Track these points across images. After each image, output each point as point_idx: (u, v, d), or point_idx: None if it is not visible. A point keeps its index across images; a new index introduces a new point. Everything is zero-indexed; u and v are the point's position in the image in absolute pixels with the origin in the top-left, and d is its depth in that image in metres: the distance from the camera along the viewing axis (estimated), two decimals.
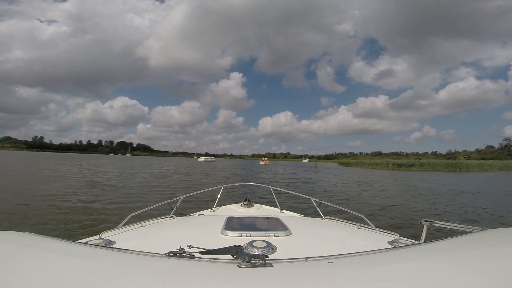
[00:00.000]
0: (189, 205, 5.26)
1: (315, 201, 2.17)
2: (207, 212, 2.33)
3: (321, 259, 0.66)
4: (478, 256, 0.57)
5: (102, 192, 8.22)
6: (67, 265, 0.54)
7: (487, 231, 0.79)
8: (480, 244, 0.67)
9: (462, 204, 8.14)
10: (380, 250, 0.79)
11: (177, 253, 0.71)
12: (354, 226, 1.49)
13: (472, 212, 6.93)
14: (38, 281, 0.45)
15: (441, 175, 26.05)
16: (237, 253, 0.62)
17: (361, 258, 0.67)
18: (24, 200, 6.28)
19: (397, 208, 7.13)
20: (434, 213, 6.83)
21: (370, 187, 12.84)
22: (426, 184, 15.16)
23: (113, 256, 0.65)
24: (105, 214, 5.30)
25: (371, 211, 6.53)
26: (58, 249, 0.66)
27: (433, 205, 7.88)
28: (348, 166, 48.24)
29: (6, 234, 0.72)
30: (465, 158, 71.60)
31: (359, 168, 40.74)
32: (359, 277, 0.52)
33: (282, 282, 0.50)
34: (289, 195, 3.06)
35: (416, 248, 0.79)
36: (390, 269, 0.56)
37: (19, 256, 0.55)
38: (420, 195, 10.15)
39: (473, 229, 0.98)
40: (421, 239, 1.19)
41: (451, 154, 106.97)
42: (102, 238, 1.14)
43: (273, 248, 0.91)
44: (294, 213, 2.41)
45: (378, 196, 9.48)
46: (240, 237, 1.12)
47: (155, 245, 1.02)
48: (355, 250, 0.77)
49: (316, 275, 0.54)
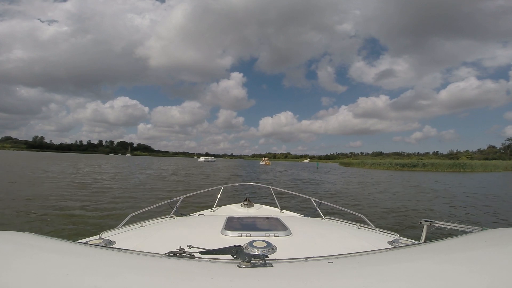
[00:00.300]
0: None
1: (315, 201, 2.16)
2: (207, 212, 2.31)
3: (321, 259, 0.66)
4: (478, 256, 0.57)
5: (89, 196, 7.42)
6: (67, 265, 0.54)
7: (487, 231, 0.79)
8: (480, 244, 0.67)
9: (493, 209, 7.38)
10: (380, 250, 0.79)
11: (177, 253, 0.71)
12: (354, 226, 1.49)
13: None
14: (38, 281, 0.45)
15: (447, 175, 25.64)
16: (237, 253, 0.62)
17: (361, 258, 0.67)
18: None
19: (421, 214, 6.56)
20: (470, 219, 6.23)
21: (379, 189, 12.13)
22: (438, 185, 14.52)
23: (113, 256, 0.66)
24: (86, 223, 4.71)
25: (394, 217, 5.96)
26: (58, 249, 0.65)
27: (459, 210, 7.22)
28: (350, 167, 47.65)
29: (6, 234, 0.72)
30: (467, 158, 70.87)
31: (361, 169, 40.07)
32: (359, 277, 0.52)
33: (282, 282, 0.50)
34: (289, 195, 3.06)
35: (416, 248, 0.79)
36: (390, 269, 0.56)
37: (19, 256, 0.55)
38: (437, 197, 9.56)
39: (473, 229, 0.97)
40: (421, 239, 1.18)
41: (453, 154, 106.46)
42: (102, 238, 1.13)
43: (273, 248, 0.91)
44: (294, 213, 2.39)
45: (390, 199, 8.87)
46: (240, 237, 1.11)
47: (155, 245, 1.01)
48: (355, 250, 0.76)
49: (316, 275, 0.54)
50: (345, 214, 1.99)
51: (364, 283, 0.48)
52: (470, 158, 69.24)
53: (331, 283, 0.49)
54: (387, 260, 0.67)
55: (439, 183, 15.90)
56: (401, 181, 16.94)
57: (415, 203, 8.32)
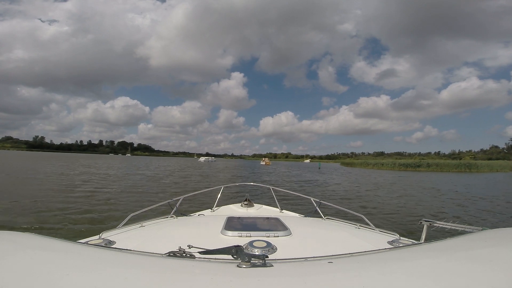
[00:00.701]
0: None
1: (315, 201, 2.17)
2: (207, 212, 2.31)
3: (321, 259, 0.66)
4: (478, 256, 0.57)
5: (74, 199, 6.68)
6: (67, 265, 0.54)
7: (487, 231, 0.78)
8: (480, 244, 0.67)
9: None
10: (380, 250, 0.79)
11: (177, 253, 0.70)
12: (354, 226, 1.48)
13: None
14: (38, 281, 0.45)
15: (454, 176, 24.83)
16: (237, 253, 0.61)
17: (361, 258, 0.67)
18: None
19: (478, 223, 5.59)
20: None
21: (395, 191, 11.09)
22: (458, 187, 13.47)
23: (113, 256, 0.66)
24: (56, 233, 4.05)
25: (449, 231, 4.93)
26: (58, 249, 0.65)
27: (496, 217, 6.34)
28: (352, 167, 46.76)
29: (6, 234, 0.72)
30: (470, 158, 69.72)
31: (363, 169, 39.25)
32: (359, 277, 0.52)
33: (282, 282, 0.50)
34: (289, 195, 3.03)
35: (416, 248, 0.79)
36: (390, 269, 0.56)
37: (19, 256, 0.56)
38: (473, 202, 8.67)
39: (473, 229, 0.96)
40: (421, 239, 1.17)
41: (456, 154, 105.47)
42: (102, 238, 1.13)
43: (273, 248, 0.91)
44: (294, 213, 2.38)
45: (419, 205, 7.81)
46: (240, 237, 1.10)
47: (155, 245, 1.00)
48: (355, 250, 0.76)
49: (316, 275, 0.54)
50: (345, 214, 1.97)
51: (364, 283, 0.47)
52: (473, 158, 68.29)
53: (331, 283, 0.49)
54: (387, 260, 0.67)
55: (457, 185, 14.74)
56: (412, 183, 15.74)
57: (452, 209, 7.29)
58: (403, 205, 7.71)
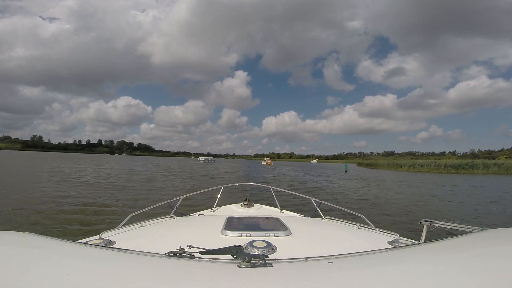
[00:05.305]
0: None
1: (315, 201, 2.17)
2: (207, 212, 2.32)
3: (321, 259, 0.66)
4: (478, 256, 0.57)
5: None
6: (67, 265, 0.53)
7: (487, 231, 0.78)
8: (480, 244, 0.67)
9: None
10: (380, 250, 0.79)
11: (177, 253, 0.70)
12: (354, 226, 1.47)
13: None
14: (38, 281, 0.45)
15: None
16: (237, 253, 0.61)
17: (361, 258, 0.67)
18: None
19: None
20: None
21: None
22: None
23: (113, 256, 0.66)
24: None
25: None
26: (58, 249, 0.65)
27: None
28: (374, 168, 40.61)
29: (6, 234, 0.71)
30: (506, 158, 62.58)
31: (394, 171, 32.92)
32: (359, 277, 0.52)
33: (282, 282, 0.50)
34: (289, 195, 2.99)
35: (416, 248, 0.79)
36: (390, 269, 0.56)
37: (19, 256, 0.55)
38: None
39: (473, 229, 0.96)
40: (421, 239, 1.16)
41: (487, 154, 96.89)
42: (102, 238, 1.12)
43: (273, 248, 0.90)
44: (294, 213, 2.38)
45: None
46: (240, 237, 1.10)
47: (155, 245, 1.00)
48: (355, 250, 0.76)
49: (316, 275, 0.54)
50: (345, 214, 1.94)
51: (364, 283, 0.47)
52: (508, 158, 61.22)
53: (331, 283, 0.49)
54: (387, 260, 0.67)
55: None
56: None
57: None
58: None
